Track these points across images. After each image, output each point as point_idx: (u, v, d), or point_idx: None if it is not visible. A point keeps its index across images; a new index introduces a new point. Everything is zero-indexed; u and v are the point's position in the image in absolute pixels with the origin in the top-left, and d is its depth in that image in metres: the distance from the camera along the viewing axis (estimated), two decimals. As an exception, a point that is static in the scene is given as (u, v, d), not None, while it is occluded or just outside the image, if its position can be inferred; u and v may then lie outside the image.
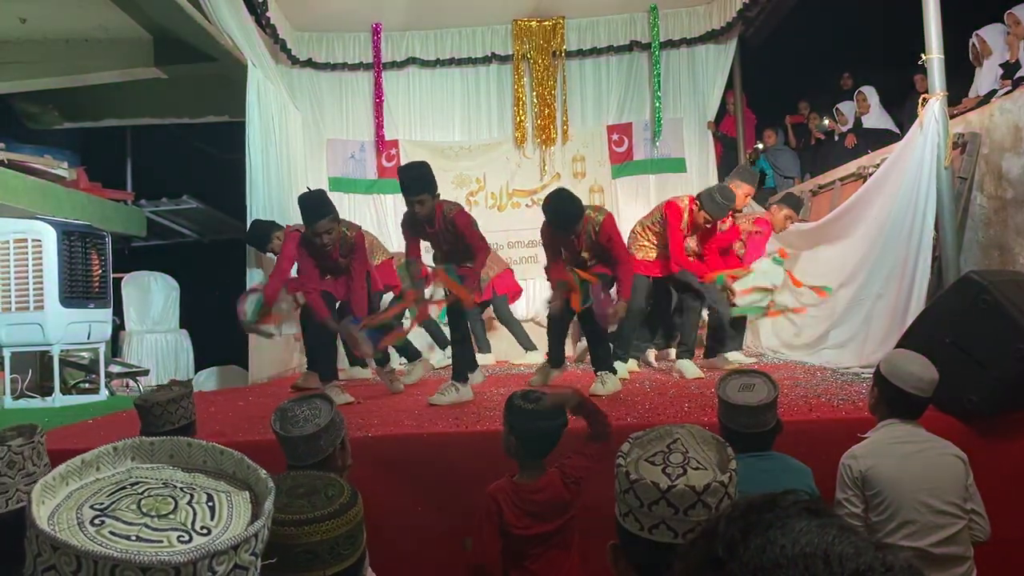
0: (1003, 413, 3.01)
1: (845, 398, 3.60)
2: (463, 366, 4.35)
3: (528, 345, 6.56)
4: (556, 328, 4.71)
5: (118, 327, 7.12)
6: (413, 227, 4.43)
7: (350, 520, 1.42)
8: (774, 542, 0.56)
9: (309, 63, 7.71)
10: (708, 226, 5.01)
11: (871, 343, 4.72)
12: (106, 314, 5.64)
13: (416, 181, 4.20)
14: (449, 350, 5.76)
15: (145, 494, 0.78)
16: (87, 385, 5.73)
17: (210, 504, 0.79)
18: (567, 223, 4.24)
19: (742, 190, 5.45)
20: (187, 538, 0.74)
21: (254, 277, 5.90)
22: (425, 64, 7.84)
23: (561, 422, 2.35)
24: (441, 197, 4.35)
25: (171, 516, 0.76)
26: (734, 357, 5.33)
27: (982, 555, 2.37)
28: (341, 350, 5.68)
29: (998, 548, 2.46)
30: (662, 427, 1.39)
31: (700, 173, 7.68)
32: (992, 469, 2.69)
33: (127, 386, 6.35)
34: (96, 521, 0.74)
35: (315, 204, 4.44)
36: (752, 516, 0.59)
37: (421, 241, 4.53)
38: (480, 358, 5.46)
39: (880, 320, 4.67)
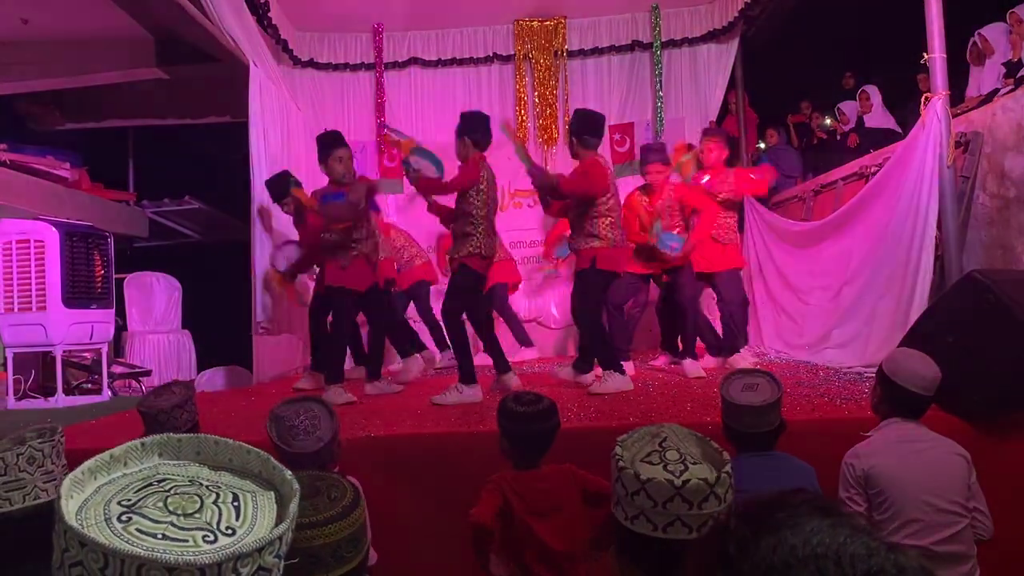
0: (1006, 412, 3.01)
1: (848, 397, 3.60)
2: (468, 370, 4.29)
3: (525, 341, 6.51)
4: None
5: (120, 328, 7.12)
6: None
7: (353, 523, 1.39)
8: (785, 542, 0.56)
9: (311, 63, 7.69)
10: (658, 177, 5.27)
11: (874, 342, 4.71)
12: (108, 315, 5.64)
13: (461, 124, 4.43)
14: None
15: (172, 492, 0.78)
16: (89, 386, 5.72)
17: (235, 504, 0.79)
18: (585, 123, 4.41)
19: (709, 146, 5.53)
20: (212, 538, 0.74)
21: (259, 272, 5.84)
22: (427, 64, 7.83)
23: (553, 424, 2.34)
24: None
25: (197, 515, 0.76)
26: (735, 359, 5.30)
27: (985, 553, 2.37)
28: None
29: (1001, 547, 2.46)
30: (644, 428, 1.40)
31: (701, 173, 7.66)
32: (995, 468, 2.69)
33: (129, 387, 6.36)
34: (123, 518, 0.74)
35: (334, 136, 4.82)
36: (763, 515, 0.59)
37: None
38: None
39: (883, 319, 4.67)
